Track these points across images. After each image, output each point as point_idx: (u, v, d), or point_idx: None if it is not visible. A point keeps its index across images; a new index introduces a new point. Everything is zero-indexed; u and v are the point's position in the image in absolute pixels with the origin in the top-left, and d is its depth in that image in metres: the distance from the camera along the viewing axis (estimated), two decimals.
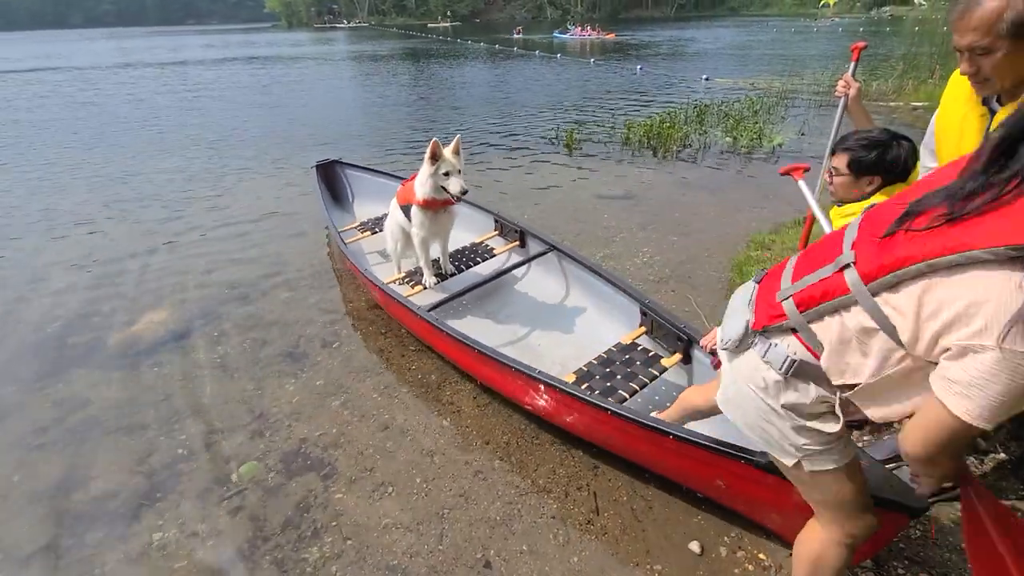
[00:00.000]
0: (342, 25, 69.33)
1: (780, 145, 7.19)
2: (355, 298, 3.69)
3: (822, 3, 65.48)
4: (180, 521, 2.10)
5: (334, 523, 2.05)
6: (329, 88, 14.65)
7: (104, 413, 2.72)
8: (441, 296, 2.97)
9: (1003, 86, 1.36)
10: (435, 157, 2.71)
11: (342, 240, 3.68)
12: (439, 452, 2.36)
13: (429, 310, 2.74)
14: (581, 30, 34.11)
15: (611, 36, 31.85)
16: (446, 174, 2.74)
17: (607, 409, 1.93)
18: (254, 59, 24.71)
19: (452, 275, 3.36)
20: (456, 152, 2.75)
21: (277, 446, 2.45)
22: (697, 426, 1.86)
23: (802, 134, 7.72)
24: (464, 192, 2.74)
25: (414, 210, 2.98)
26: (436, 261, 3.38)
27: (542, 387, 2.16)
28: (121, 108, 11.82)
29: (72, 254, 4.55)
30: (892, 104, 9.24)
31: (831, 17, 49.53)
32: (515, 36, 36.03)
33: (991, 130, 1.32)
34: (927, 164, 1.65)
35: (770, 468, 1.58)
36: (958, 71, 1.49)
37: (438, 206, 2.95)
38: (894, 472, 1.73)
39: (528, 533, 1.96)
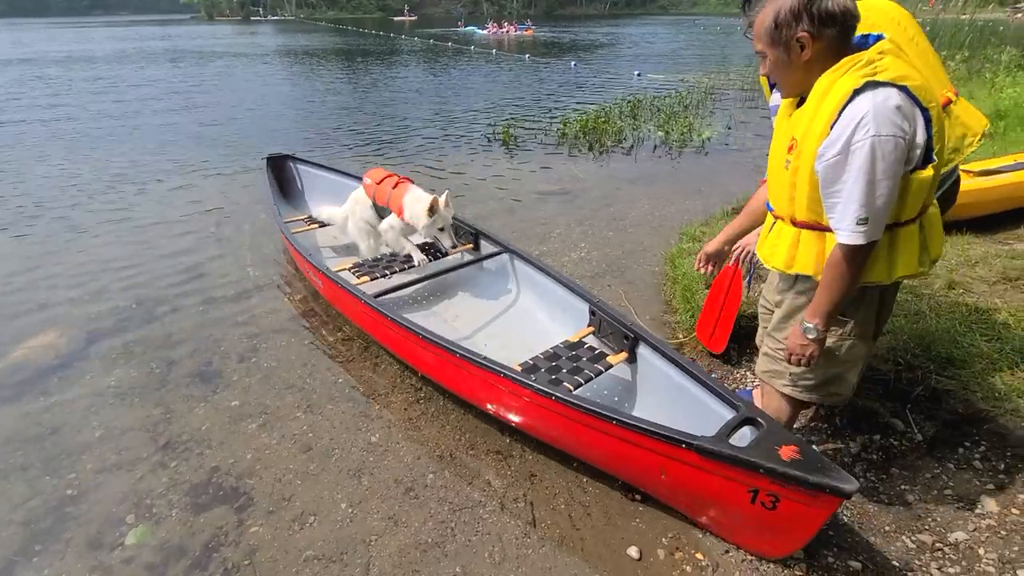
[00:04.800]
0: (259, 18, 65.95)
1: (709, 139, 7.41)
2: (278, 308, 3.44)
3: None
4: (63, 575, 1.83)
5: (247, 562, 1.85)
6: (259, 87, 13.85)
7: None
8: (386, 286, 2.93)
9: (786, 91, 1.43)
10: (432, 211, 3.00)
11: (287, 230, 3.52)
12: (367, 472, 2.20)
13: (374, 297, 2.67)
14: (497, 27, 33.77)
15: (529, 33, 31.79)
16: (441, 229, 3.07)
17: (551, 395, 1.89)
18: (173, 53, 23.08)
19: (446, 254, 3.36)
20: (447, 205, 3.05)
21: (184, 478, 2.20)
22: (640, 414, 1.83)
23: (729, 128, 8.01)
24: (454, 246, 3.14)
25: (393, 218, 3.21)
26: (428, 244, 3.39)
27: (485, 374, 2.09)
28: (14, 107, 10.65)
29: None
30: None
31: None
32: (460, 27, 35.91)
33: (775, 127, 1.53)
34: None
35: (712, 453, 1.57)
36: None
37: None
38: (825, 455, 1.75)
39: (462, 554, 1.85)
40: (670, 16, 62.59)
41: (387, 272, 3.14)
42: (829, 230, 1.36)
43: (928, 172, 1.28)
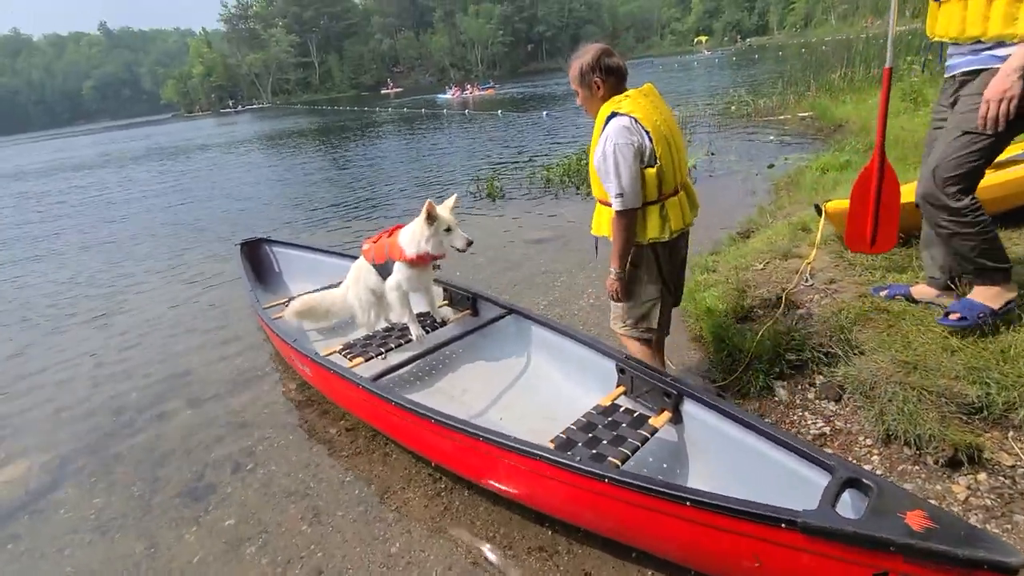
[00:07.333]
0: (229, 109, 68.44)
1: (693, 166, 7.36)
2: (271, 403, 3.13)
3: (695, 40, 72.69)
4: None
5: None
6: (239, 175, 13.96)
7: None
8: (384, 366, 2.61)
9: (592, 116, 2.10)
10: (431, 218, 2.66)
11: (267, 316, 3.26)
12: None
13: (372, 381, 2.36)
14: (460, 90, 35.00)
15: (490, 92, 33.03)
16: (447, 230, 2.71)
17: (602, 476, 1.58)
18: (155, 153, 23.54)
19: (443, 324, 3.10)
20: (452, 207, 2.77)
21: None
22: (715, 487, 1.52)
23: (712, 154, 8.01)
24: (470, 243, 2.74)
25: (399, 266, 2.84)
26: (423, 314, 3.13)
27: (515, 458, 1.78)
28: None
29: None
30: (781, 117, 9.90)
31: (707, 51, 54.71)
32: (451, 95, 35.17)
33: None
34: None
35: (824, 532, 1.27)
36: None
37: (428, 261, 2.85)
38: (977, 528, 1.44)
39: None
40: (628, 60, 65.60)
41: (381, 351, 2.84)
42: (610, 205, 2.01)
43: (652, 171, 1.96)
